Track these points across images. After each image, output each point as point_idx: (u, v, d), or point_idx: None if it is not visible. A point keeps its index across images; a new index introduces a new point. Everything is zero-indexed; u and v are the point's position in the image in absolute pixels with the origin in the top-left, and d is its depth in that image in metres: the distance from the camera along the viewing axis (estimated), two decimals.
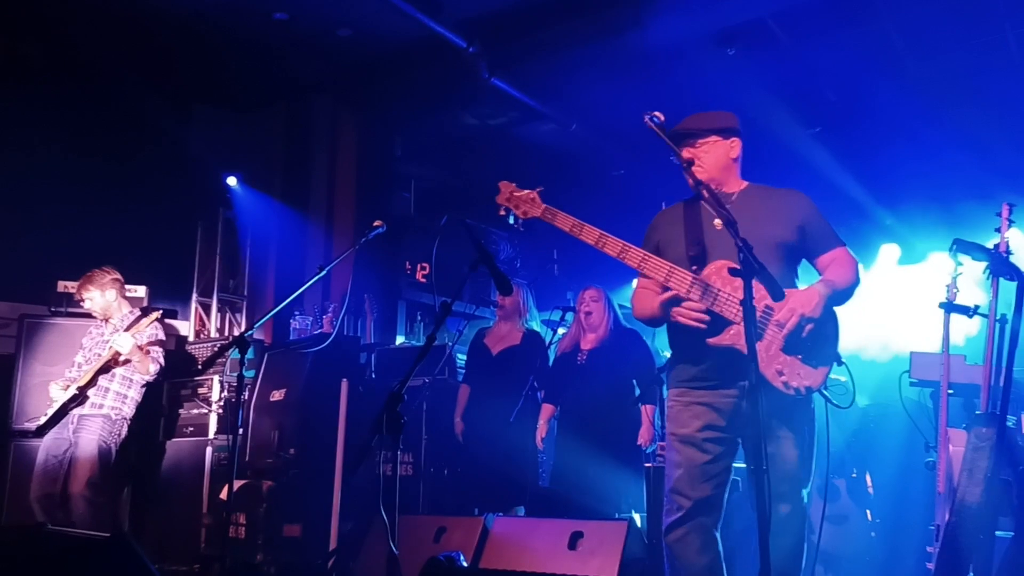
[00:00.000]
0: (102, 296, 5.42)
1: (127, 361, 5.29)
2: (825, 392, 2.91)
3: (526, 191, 3.07)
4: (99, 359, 5.24)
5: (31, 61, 6.55)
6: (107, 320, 5.48)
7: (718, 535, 2.98)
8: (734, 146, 3.10)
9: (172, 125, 7.58)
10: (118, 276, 5.51)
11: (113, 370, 5.29)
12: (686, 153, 3.07)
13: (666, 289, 2.91)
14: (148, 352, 5.31)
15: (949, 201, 6.72)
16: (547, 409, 5.32)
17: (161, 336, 5.48)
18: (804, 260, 3.13)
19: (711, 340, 2.88)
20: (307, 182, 7.86)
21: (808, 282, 3.04)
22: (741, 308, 2.76)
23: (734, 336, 2.84)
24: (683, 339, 3.04)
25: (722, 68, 6.56)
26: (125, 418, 5.33)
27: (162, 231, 7.29)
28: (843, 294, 2.97)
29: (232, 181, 7.64)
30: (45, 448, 5.21)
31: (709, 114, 3.12)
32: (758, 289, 2.82)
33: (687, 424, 2.99)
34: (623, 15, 6.22)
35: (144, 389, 5.45)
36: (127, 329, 5.27)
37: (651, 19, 6.17)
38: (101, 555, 3.04)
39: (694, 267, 2.96)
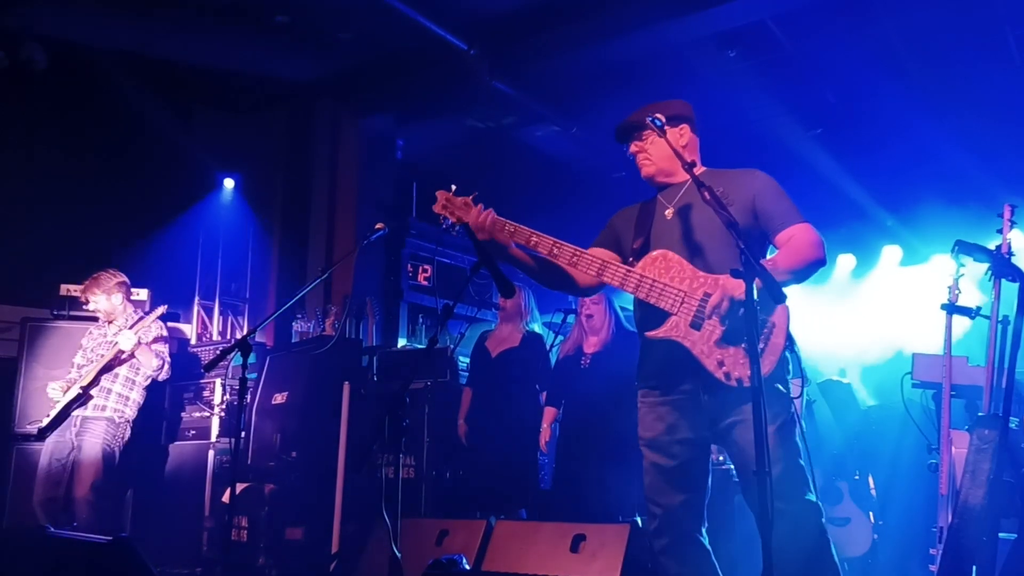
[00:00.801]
0: (108, 300, 5.40)
1: (130, 358, 5.28)
2: (778, 385, 2.74)
3: (461, 197, 3.06)
4: (102, 358, 5.24)
5: (33, 65, 6.56)
6: (110, 322, 5.49)
7: (703, 539, 2.87)
8: (683, 134, 3.03)
9: (174, 129, 7.59)
10: (124, 279, 5.50)
11: (116, 371, 5.29)
12: (634, 147, 3.05)
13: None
14: (151, 347, 5.31)
15: (950, 202, 6.72)
16: (550, 412, 5.32)
17: (164, 333, 5.48)
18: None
19: (649, 333, 2.82)
20: (309, 185, 7.87)
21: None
22: (678, 298, 2.76)
23: (669, 328, 2.77)
24: (640, 334, 2.98)
25: (724, 70, 6.57)
26: (128, 420, 5.32)
27: (164, 234, 7.29)
28: (793, 274, 2.77)
29: (229, 184, 7.64)
30: (48, 451, 5.21)
31: (655, 105, 3.03)
32: (695, 277, 2.77)
33: (651, 427, 2.90)
34: (625, 17, 6.22)
35: (146, 391, 5.45)
36: (131, 327, 5.28)
37: (653, 21, 6.18)
38: (103, 558, 3.04)
39: (631, 259, 2.94)
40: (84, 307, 5.89)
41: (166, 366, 5.41)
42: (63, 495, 5.14)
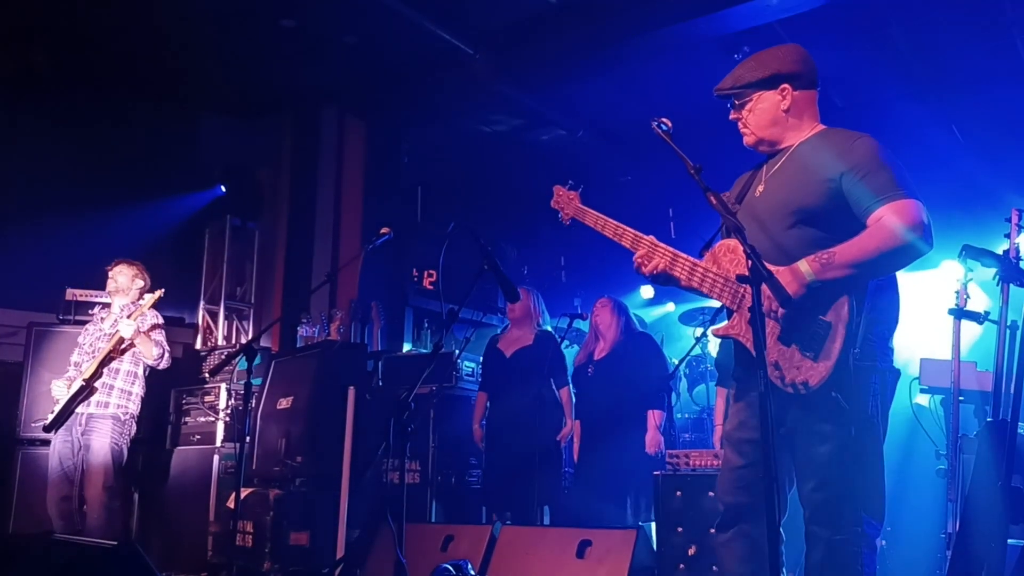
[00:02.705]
0: (131, 280, 5.51)
1: (130, 347, 5.32)
2: (834, 394, 2.46)
3: (570, 192, 3.09)
4: (101, 351, 5.27)
5: (39, 70, 6.58)
6: (107, 307, 5.58)
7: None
8: (785, 95, 2.73)
9: (180, 133, 7.60)
10: (147, 283, 5.59)
11: (117, 366, 5.32)
12: (732, 115, 2.82)
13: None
14: (150, 335, 5.36)
15: (958, 207, 6.69)
16: (576, 426, 5.34)
17: (160, 321, 5.52)
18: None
19: (713, 330, 2.73)
20: (314, 189, 7.88)
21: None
22: (738, 294, 2.61)
23: (730, 325, 2.65)
24: None
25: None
26: (132, 416, 5.38)
27: (169, 239, 7.31)
28: (858, 267, 2.45)
29: (223, 189, 7.68)
30: (55, 452, 5.25)
31: (751, 61, 2.78)
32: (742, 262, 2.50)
33: (730, 422, 2.82)
34: (630, 21, 6.21)
35: (146, 385, 5.49)
36: (128, 315, 5.33)
37: (659, 25, 6.17)
38: (109, 563, 3.04)
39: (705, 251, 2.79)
40: (90, 311, 5.90)
41: (166, 354, 5.46)
42: (77, 495, 5.18)
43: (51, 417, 5.24)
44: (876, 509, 2.57)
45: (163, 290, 5.47)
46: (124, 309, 5.47)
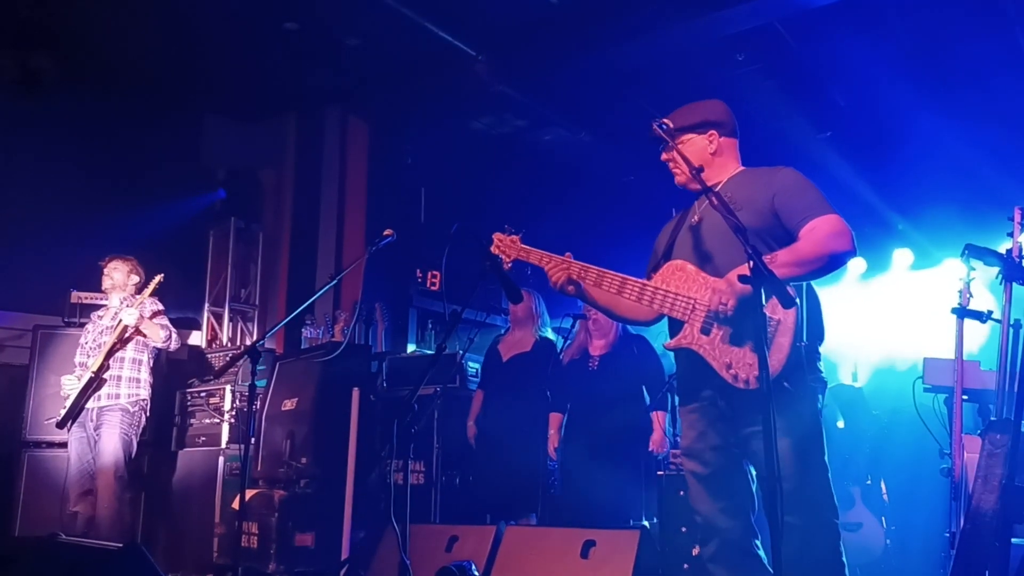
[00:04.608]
0: (126, 276, 5.58)
1: (134, 335, 5.36)
2: (786, 384, 2.61)
3: (510, 236, 3.22)
4: (106, 343, 5.31)
5: (42, 74, 6.60)
6: (106, 306, 5.65)
7: (755, 549, 2.80)
8: (712, 140, 3.01)
9: (183, 135, 7.62)
10: (142, 278, 5.64)
11: (122, 355, 5.37)
12: (664, 155, 3.05)
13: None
14: (153, 320, 5.44)
15: (962, 205, 6.68)
16: (556, 418, 5.31)
17: (160, 307, 5.59)
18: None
19: (665, 344, 2.89)
20: (318, 191, 7.90)
21: None
22: (688, 306, 2.79)
23: (682, 337, 2.81)
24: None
25: (732, 73, 6.56)
26: (144, 403, 5.44)
27: (174, 241, 7.32)
28: (798, 266, 2.66)
29: (223, 194, 7.73)
30: (75, 451, 5.33)
31: (683, 110, 3.04)
32: (705, 283, 2.76)
33: (686, 435, 2.95)
34: (633, 22, 6.22)
35: (153, 374, 5.53)
36: (129, 305, 5.40)
37: (661, 25, 6.17)
38: (115, 564, 3.05)
39: (652, 273, 2.97)
40: (94, 314, 5.93)
41: (173, 335, 5.54)
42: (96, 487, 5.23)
43: (63, 412, 5.29)
44: (830, 504, 2.72)
45: (162, 275, 5.51)
46: (124, 302, 5.52)
